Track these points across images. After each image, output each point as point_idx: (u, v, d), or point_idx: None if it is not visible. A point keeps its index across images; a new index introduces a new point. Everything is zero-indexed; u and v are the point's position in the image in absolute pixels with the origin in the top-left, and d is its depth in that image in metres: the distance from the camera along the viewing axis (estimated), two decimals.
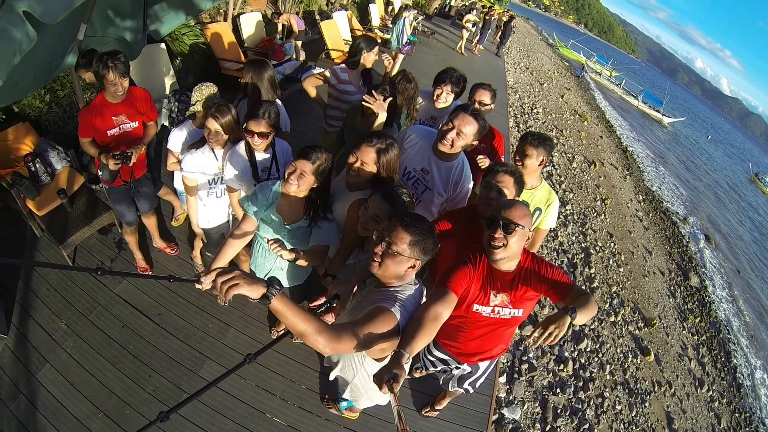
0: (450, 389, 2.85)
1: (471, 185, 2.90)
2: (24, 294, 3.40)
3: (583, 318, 1.89)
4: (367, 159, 2.32)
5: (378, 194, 2.16)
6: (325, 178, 2.31)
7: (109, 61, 2.70)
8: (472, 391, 2.78)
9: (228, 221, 3.27)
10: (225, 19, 6.68)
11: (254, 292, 1.24)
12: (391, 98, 3.09)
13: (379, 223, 2.14)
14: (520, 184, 2.40)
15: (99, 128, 2.93)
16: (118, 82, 2.79)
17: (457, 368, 2.63)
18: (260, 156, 2.78)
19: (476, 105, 3.35)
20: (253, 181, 2.76)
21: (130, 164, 2.96)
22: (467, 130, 2.61)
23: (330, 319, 2.52)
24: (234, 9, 6.79)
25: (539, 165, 2.80)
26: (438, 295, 1.93)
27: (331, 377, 2.18)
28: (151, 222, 3.75)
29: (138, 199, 3.44)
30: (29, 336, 3.15)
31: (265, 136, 2.62)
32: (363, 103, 3.04)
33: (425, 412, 3.30)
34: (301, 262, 2.39)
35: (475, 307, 2.08)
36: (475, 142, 2.72)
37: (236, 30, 6.77)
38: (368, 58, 3.81)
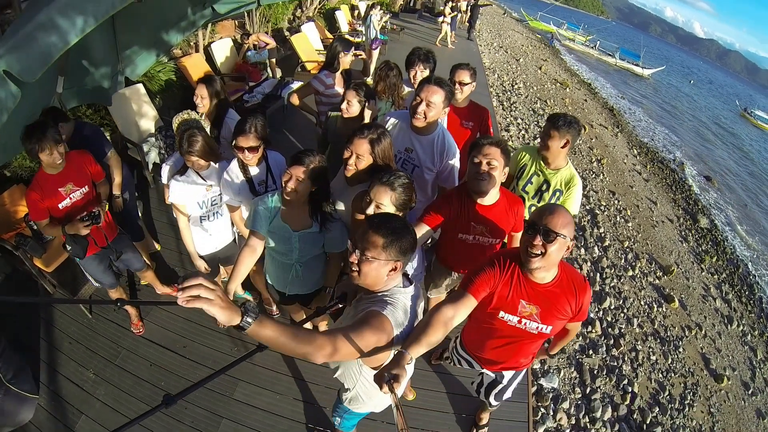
0: (481, 397, 2.83)
1: (457, 156, 2.91)
2: (48, 352, 3.38)
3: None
4: (361, 150, 2.33)
5: (377, 182, 2.15)
6: (323, 179, 2.32)
7: (36, 135, 2.55)
8: (496, 403, 2.76)
9: (234, 240, 3.27)
10: (197, 50, 6.72)
11: (225, 317, 1.12)
12: (367, 101, 3.11)
13: (384, 210, 2.14)
14: (507, 154, 2.36)
15: (49, 205, 2.77)
16: (53, 152, 2.62)
17: (485, 374, 2.62)
18: (255, 170, 2.78)
19: (457, 85, 3.36)
20: (251, 196, 2.77)
21: (101, 223, 2.83)
22: (435, 99, 2.63)
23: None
24: (204, 39, 6.82)
25: (563, 147, 2.79)
26: (455, 298, 1.90)
27: (335, 375, 2.11)
28: (149, 275, 3.69)
29: (125, 262, 3.36)
30: (60, 392, 3.13)
31: (255, 150, 2.62)
32: (342, 107, 3.09)
33: None
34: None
35: (501, 314, 2.00)
36: (447, 110, 2.75)
37: (209, 59, 6.82)
38: (345, 60, 3.86)
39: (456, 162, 2.90)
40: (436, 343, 1.73)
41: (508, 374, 2.51)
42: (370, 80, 3.99)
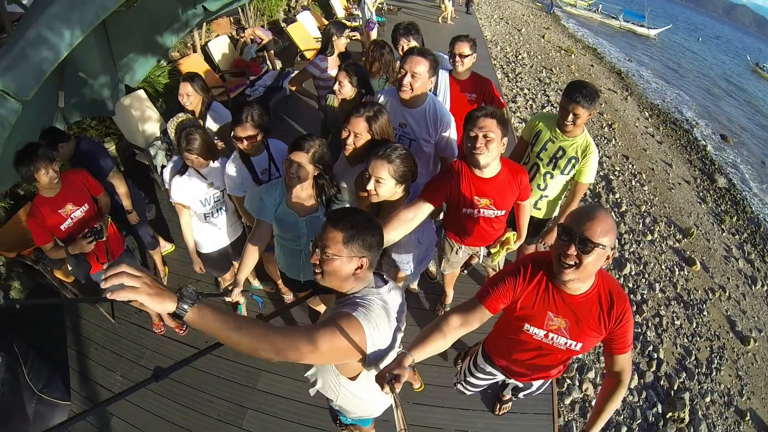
0: (503, 393, 2.73)
1: (452, 124, 2.87)
2: (76, 359, 3.47)
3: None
4: (359, 129, 2.32)
5: (373, 156, 2.13)
6: (325, 163, 2.30)
7: (27, 158, 2.51)
8: (522, 396, 2.64)
9: (243, 233, 3.29)
10: (194, 51, 6.69)
11: (157, 305, 1.01)
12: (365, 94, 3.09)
13: (384, 185, 2.13)
14: (504, 125, 2.27)
15: (51, 229, 2.76)
16: (49, 170, 2.59)
17: (508, 382, 2.48)
18: (257, 159, 2.78)
19: (457, 58, 3.33)
20: (254, 186, 2.77)
21: (104, 238, 2.82)
22: (420, 70, 2.58)
23: None
24: (200, 39, 6.78)
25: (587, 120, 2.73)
26: (467, 307, 1.82)
27: (312, 393, 1.95)
28: None
29: None
30: (90, 396, 3.22)
31: (253, 138, 2.63)
32: (335, 89, 3.08)
33: (499, 412, 3.13)
34: None
35: (526, 326, 1.84)
36: (434, 78, 2.72)
37: (208, 58, 6.79)
38: (339, 43, 3.87)
39: (452, 130, 2.87)
40: (441, 350, 1.71)
41: (536, 383, 2.37)
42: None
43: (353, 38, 4.12)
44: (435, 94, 3.38)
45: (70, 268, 2.92)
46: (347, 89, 3.01)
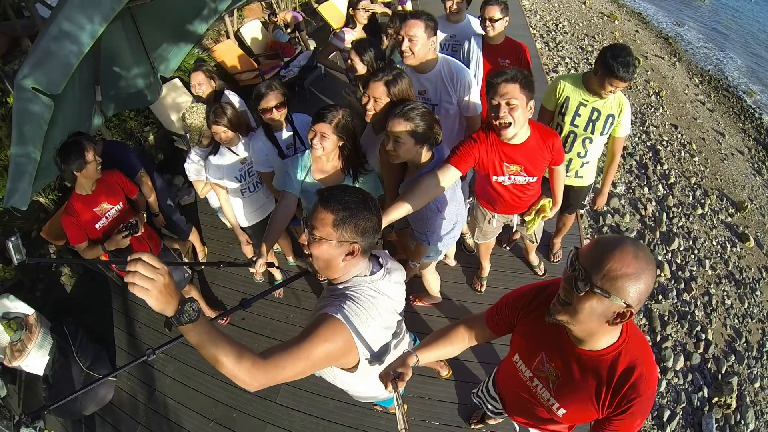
0: None
1: (472, 79, 2.76)
2: (122, 338, 3.69)
3: None
4: (378, 93, 2.29)
5: (391, 114, 2.09)
6: (349, 132, 2.27)
7: (74, 146, 2.55)
8: None
9: None
10: (228, 37, 6.75)
11: (157, 309, 1.02)
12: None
13: (403, 144, 2.08)
14: (528, 88, 2.12)
15: (86, 228, 2.78)
16: (95, 155, 2.66)
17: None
18: (281, 134, 2.79)
19: (488, 23, 3.20)
20: (280, 160, 2.77)
21: (140, 233, 2.84)
22: (416, 32, 2.51)
23: None
24: (233, 25, 6.82)
25: None
26: (475, 322, 1.69)
27: (317, 374, 1.85)
28: (193, 294, 3.63)
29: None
30: (134, 372, 3.39)
31: (283, 106, 2.65)
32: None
33: None
34: None
35: (516, 358, 1.58)
36: (434, 37, 2.61)
37: (242, 44, 6.85)
38: (359, 15, 3.88)
39: (472, 87, 2.76)
40: (448, 356, 1.66)
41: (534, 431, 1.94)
42: None
43: (371, 11, 4.03)
44: (467, 60, 3.28)
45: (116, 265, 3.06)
46: (360, 67, 2.97)
